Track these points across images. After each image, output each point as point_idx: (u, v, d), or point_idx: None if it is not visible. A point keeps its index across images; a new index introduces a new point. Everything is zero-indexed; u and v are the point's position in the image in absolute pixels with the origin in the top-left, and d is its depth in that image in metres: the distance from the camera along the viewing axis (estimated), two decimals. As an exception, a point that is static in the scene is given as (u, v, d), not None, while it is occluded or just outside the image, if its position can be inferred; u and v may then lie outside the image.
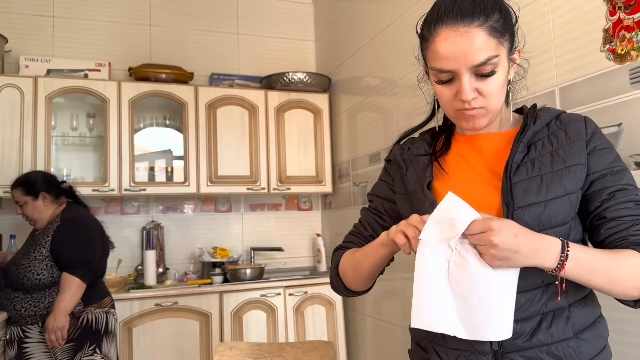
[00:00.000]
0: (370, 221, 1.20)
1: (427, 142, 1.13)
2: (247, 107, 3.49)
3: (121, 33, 3.56)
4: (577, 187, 0.96)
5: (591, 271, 0.88)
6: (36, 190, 2.45)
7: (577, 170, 0.96)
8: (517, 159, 0.98)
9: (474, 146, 1.07)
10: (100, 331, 2.38)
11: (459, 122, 1.03)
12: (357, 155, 3.36)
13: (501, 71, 0.95)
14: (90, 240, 2.43)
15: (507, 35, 0.96)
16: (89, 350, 2.33)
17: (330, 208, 3.79)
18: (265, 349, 1.80)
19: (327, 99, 3.70)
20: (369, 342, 3.22)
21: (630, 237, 0.93)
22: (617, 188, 0.96)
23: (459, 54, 0.92)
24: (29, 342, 2.30)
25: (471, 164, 1.05)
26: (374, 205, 1.21)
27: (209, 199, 3.67)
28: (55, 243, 2.35)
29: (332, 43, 3.77)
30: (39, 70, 3.16)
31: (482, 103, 0.96)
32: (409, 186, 1.09)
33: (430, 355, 1.04)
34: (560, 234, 0.93)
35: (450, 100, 0.99)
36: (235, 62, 3.82)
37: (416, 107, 2.67)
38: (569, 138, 0.99)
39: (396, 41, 2.86)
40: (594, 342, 0.97)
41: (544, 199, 0.94)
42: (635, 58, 1.49)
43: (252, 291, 3.17)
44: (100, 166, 3.27)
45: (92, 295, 2.41)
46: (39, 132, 3.01)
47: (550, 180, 0.94)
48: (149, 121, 3.55)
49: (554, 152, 0.97)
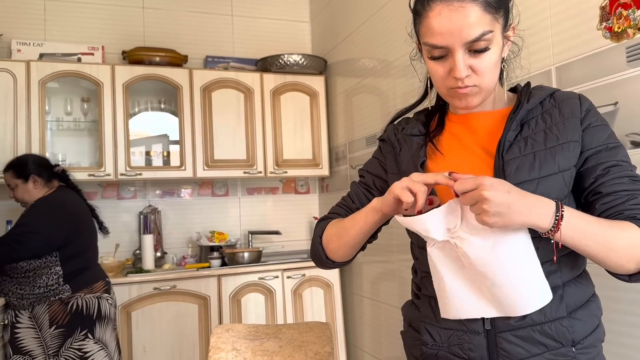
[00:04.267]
0: (359, 195, 1.18)
1: (421, 122, 1.12)
2: (242, 90, 3.47)
3: (114, 16, 3.52)
4: (570, 164, 0.95)
5: (586, 235, 0.86)
6: (26, 173, 2.43)
7: (570, 147, 0.95)
8: (510, 137, 0.97)
9: (467, 125, 1.06)
10: (92, 316, 2.36)
11: (452, 100, 1.01)
12: (354, 138, 3.35)
13: (495, 48, 0.94)
14: (52, 218, 2.34)
15: (501, 11, 0.95)
16: (80, 335, 2.31)
17: (328, 191, 3.79)
18: (262, 331, 1.81)
19: (323, 82, 3.67)
20: (366, 324, 3.24)
21: (626, 211, 0.92)
22: (611, 164, 0.95)
23: (453, 29, 0.91)
24: (20, 327, 2.31)
25: (465, 144, 1.04)
26: (364, 180, 1.20)
27: (206, 183, 3.66)
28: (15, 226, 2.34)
29: (327, 24, 3.73)
30: (32, 55, 3.13)
31: (475, 81, 0.95)
32: (403, 165, 1.08)
33: (422, 336, 1.03)
34: None
35: (443, 78, 0.97)
36: (229, 44, 3.79)
37: (412, 88, 2.65)
38: (562, 115, 0.98)
39: (391, 22, 2.83)
40: (587, 321, 0.96)
41: (536, 176, 0.93)
42: (632, 36, 1.48)
43: (250, 274, 3.18)
44: (96, 151, 3.25)
45: (82, 280, 2.39)
46: (33, 117, 2.99)
47: (544, 158, 0.94)
48: (143, 105, 3.53)
49: (548, 130, 0.97)
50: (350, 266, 3.42)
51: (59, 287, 2.33)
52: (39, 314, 2.31)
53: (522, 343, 0.93)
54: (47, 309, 2.31)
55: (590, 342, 0.96)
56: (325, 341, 1.74)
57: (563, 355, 0.93)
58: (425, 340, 1.02)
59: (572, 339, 0.93)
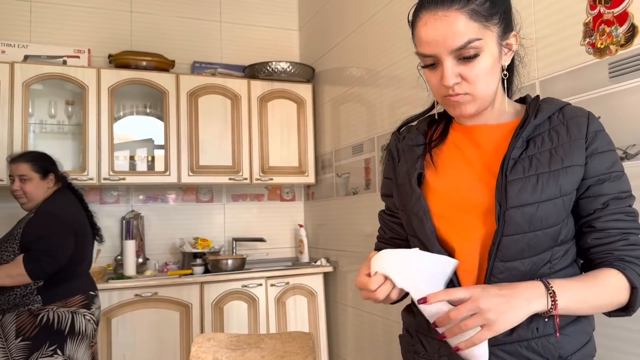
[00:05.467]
0: (388, 223, 1.19)
1: (422, 132, 1.11)
2: (229, 96, 3.46)
3: (101, 19, 3.49)
4: (572, 188, 0.94)
5: (578, 301, 0.89)
6: (47, 170, 2.40)
7: (574, 171, 0.94)
8: (515, 155, 0.96)
9: (470, 138, 1.04)
10: (64, 332, 2.22)
11: (447, 108, 1.01)
12: (340, 146, 3.35)
13: (487, 56, 0.93)
14: (56, 237, 2.27)
15: (494, 19, 0.94)
16: (48, 350, 2.18)
17: (313, 199, 3.78)
18: (244, 340, 1.79)
19: (311, 89, 3.68)
20: (350, 332, 3.23)
21: (615, 251, 0.94)
22: (611, 197, 0.95)
23: (438, 38, 0.92)
24: None
25: (466, 157, 1.03)
26: (386, 205, 1.20)
27: (191, 189, 3.64)
28: (25, 235, 2.26)
29: (316, 33, 3.74)
30: (16, 56, 3.09)
31: (467, 89, 0.94)
32: (399, 178, 1.08)
33: (415, 343, 1.05)
34: (550, 235, 0.93)
35: (437, 87, 0.97)
36: (217, 50, 3.78)
37: (399, 98, 2.66)
38: (569, 135, 0.96)
39: (380, 32, 2.84)
40: (576, 337, 0.96)
41: (538, 199, 0.92)
42: (614, 52, 1.50)
43: (234, 282, 3.16)
44: (79, 154, 3.21)
45: (56, 293, 2.26)
46: (16, 119, 2.94)
47: (547, 181, 0.93)
48: (129, 109, 3.50)
49: (553, 150, 0.95)
50: (334, 274, 3.41)
51: (31, 297, 2.22)
52: (7, 323, 2.21)
53: (509, 357, 0.93)
54: (15, 319, 2.20)
55: (578, 357, 0.96)
56: (307, 351, 1.73)
57: None
58: (417, 349, 1.04)
59: (559, 354, 0.93)
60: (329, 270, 3.41)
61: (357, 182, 3.11)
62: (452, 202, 0.99)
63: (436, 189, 1.02)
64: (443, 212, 1.00)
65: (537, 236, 0.92)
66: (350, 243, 3.20)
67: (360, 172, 3.05)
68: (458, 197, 0.99)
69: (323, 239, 3.61)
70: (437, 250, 0.98)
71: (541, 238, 0.93)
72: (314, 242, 3.73)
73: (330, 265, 3.41)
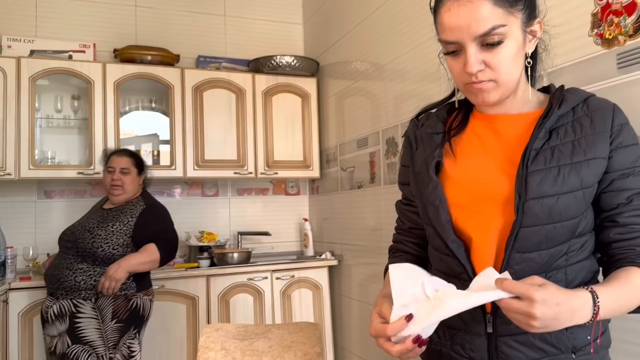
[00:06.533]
0: (405, 213, 1.17)
1: (442, 120, 1.09)
2: (234, 90, 3.47)
3: (106, 14, 3.50)
4: (594, 180, 0.93)
5: (615, 311, 0.89)
6: (143, 168, 2.64)
7: (596, 164, 0.92)
8: (537, 145, 0.94)
9: (492, 127, 1.02)
10: (143, 318, 2.43)
11: (469, 96, 0.99)
12: (345, 140, 3.35)
13: (511, 42, 0.92)
14: (174, 230, 2.57)
15: (519, 5, 0.93)
16: (133, 333, 2.36)
17: (318, 193, 3.79)
18: (251, 330, 1.80)
19: (315, 83, 3.68)
20: (354, 325, 3.24)
21: (637, 247, 0.93)
22: (636, 191, 0.94)
23: (462, 24, 0.90)
24: (82, 317, 2.29)
25: (487, 146, 1.01)
26: (403, 195, 1.18)
27: (196, 183, 3.65)
28: (141, 225, 2.43)
29: (320, 26, 3.74)
30: (22, 51, 3.10)
31: (491, 75, 0.93)
32: (417, 166, 1.07)
33: None
34: (569, 228, 0.92)
35: (459, 74, 0.96)
36: (222, 44, 3.78)
37: (404, 92, 2.66)
38: (593, 127, 0.94)
39: (384, 25, 2.84)
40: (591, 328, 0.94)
41: (558, 191, 0.90)
42: (622, 43, 1.50)
43: (239, 275, 3.17)
44: (86, 149, 3.23)
45: (144, 282, 2.47)
46: (23, 114, 2.96)
47: (568, 173, 0.91)
48: (134, 104, 3.51)
49: (576, 142, 0.93)
50: (339, 268, 3.42)
51: (128, 283, 2.38)
52: (103, 306, 2.33)
53: (522, 348, 0.93)
54: (112, 303, 2.33)
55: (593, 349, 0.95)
56: (314, 342, 1.74)
57: None
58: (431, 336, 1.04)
59: (573, 345, 0.93)
60: (334, 264, 3.42)
61: (361, 175, 3.11)
62: (470, 191, 0.98)
63: (454, 177, 1.01)
64: (460, 201, 0.98)
65: (556, 228, 0.91)
66: (355, 237, 3.21)
67: (365, 165, 3.06)
68: (477, 187, 0.97)
69: (328, 232, 3.62)
70: (451, 239, 0.97)
71: (559, 230, 0.91)
72: (319, 235, 3.74)
73: (335, 258, 3.42)
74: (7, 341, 2.66)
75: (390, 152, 2.79)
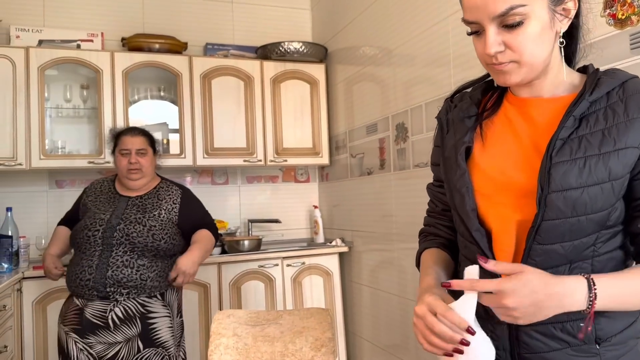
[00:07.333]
0: (437, 195, 1.15)
1: (475, 101, 1.05)
2: (242, 77, 3.46)
3: (113, 2, 3.49)
4: (624, 171, 0.87)
5: (619, 302, 0.86)
6: (157, 147, 2.35)
7: (627, 153, 0.86)
8: (564, 135, 0.89)
9: (523, 111, 0.98)
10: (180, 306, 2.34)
11: (493, 76, 0.96)
12: (354, 127, 3.34)
13: (534, 22, 0.87)
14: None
15: None
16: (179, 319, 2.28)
17: (327, 180, 3.79)
18: (263, 316, 1.81)
19: (324, 70, 3.66)
20: (365, 311, 3.25)
21: None
22: None
23: (480, 4, 0.88)
24: (155, 316, 2.10)
25: (516, 131, 0.97)
26: (435, 176, 1.16)
27: (206, 171, 3.66)
28: (185, 210, 2.25)
29: (328, 12, 3.71)
30: (31, 41, 3.11)
31: (512, 57, 0.89)
32: (446, 151, 1.05)
33: None
34: (595, 221, 0.88)
35: (481, 54, 0.93)
36: (230, 31, 3.77)
37: (413, 76, 2.64)
38: (627, 114, 0.87)
39: (392, 10, 2.81)
40: (618, 318, 0.92)
41: (583, 184, 0.86)
42: (635, 23, 1.47)
43: (250, 262, 3.19)
44: (95, 138, 3.24)
45: None
46: (32, 103, 2.97)
47: (595, 164, 0.86)
48: (143, 93, 3.51)
49: (606, 131, 0.87)
50: (350, 254, 3.43)
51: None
52: (171, 301, 2.19)
53: (543, 338, 0.92)
54: (177, 296, 2.25)
55: (620, 339, 0.92)
56: (326, 327, 1.75)
57: (585, 351, 0.91)
58: None
59: (597, 336, 0.91)
60: (344, 251, 3.42)
61: (371, 162, 3.10)
62: (494, 181, 0.96)
63: (480, 165, 0.98)
64: (485, 190, 0.97)
65: (580, 221, 0.87)
66: (365, 223, 3.21)
67: (375, 152, 3.05)
68: (501, 176, 0.95)
69: (338, 219, 3.63)
70: (475, 228, 0.96)
71: (584, 223, 0.88)
72: (329, 222, 3.74)
73: (346, 245, 3.43)
74: (22, 329, 2.71)
75: (400, 137, 2.77)
